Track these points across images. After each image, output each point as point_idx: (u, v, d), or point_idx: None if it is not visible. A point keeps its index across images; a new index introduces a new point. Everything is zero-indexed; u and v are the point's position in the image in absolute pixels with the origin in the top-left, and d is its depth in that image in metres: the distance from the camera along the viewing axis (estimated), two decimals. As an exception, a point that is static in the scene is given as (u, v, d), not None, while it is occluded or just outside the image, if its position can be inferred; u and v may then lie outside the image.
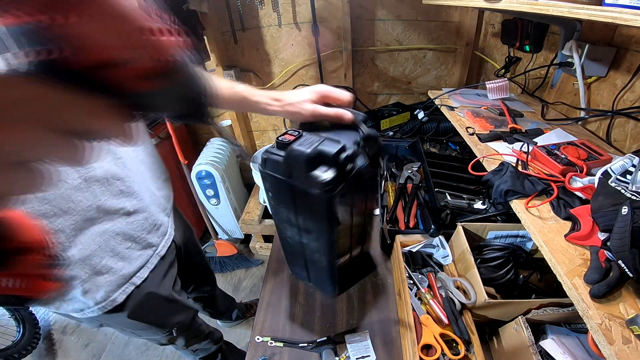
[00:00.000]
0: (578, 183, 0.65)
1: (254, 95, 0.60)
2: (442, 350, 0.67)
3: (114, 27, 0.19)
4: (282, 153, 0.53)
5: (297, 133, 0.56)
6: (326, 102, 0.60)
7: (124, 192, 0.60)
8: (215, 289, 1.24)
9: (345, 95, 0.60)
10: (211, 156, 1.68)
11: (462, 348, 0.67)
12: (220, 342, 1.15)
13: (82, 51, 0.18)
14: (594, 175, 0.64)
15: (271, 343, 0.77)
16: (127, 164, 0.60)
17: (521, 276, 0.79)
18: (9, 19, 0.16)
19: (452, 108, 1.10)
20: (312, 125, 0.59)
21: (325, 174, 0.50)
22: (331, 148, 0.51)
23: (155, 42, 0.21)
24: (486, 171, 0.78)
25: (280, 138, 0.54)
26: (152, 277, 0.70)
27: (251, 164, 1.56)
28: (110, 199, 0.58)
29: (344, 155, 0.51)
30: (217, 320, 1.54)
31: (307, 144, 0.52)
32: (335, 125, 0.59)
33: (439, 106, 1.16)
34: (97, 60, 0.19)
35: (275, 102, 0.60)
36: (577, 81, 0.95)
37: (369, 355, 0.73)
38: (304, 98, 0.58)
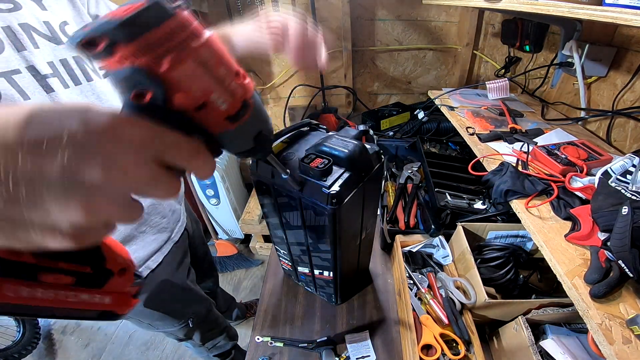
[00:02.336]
0: (578, 183, 0.65)
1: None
2: (442, 350, 0.67)
3: (213, 71, 0.20)
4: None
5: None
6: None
7: None
8: (217, 286, 1.24)
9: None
10: (211, 156, 1.68)
11: (462, 348, 0.67)
12: (236, 340, 1.15)
13: (184, 93, 0.20)
14: (594, 175, 0.64)
15: (271, 343, 0.77)
16: None
17: (521, 276, 0.79)
18: (117, 63, 0.18)
19: (452, 108, 1.10)
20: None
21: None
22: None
23: (241, 85, 0.23)
24: (486, 171, 0.78)
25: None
26: (166, 264, 0.70)
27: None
28: None
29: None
30: None
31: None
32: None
33: (439, 106, 1.16)
34: (196, 102, 0.20)
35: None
36: (577, 81, 0.95)
37: (369, 355, 0.73)
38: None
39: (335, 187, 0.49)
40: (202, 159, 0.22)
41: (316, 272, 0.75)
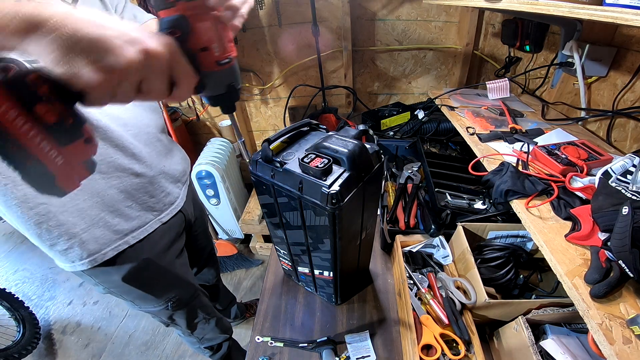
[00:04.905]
0: (578, 183, 0.65)
1: None
2: (442, 350, 0.67)
3: (219, 31, 0.35)
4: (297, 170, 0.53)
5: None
6: None
7: (135, 155, 0.65)
8: (219, 280, 1.23)
9: None
10: (211, 156, 1.68)
11: (462, 348, 0.67)
12: (229, 333, 1.14)
13: (198, 37, 0.34)
14: (595, 175, 0.64)
15: (271, 343, 0.77)
16: (139, 135, 0.66)
17: (521, 276, 0.79)
18: (174, 11, 0.33)
19: (452, 108, 1.10)
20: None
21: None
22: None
23: (231, 46, 0.38)
24: (486, 171, 0.78)
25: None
26: (152, 243, 0.72)
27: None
28: (122, 157, 0.62)
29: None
30: None
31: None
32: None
33: (439, 106, 1.16)
34: (203, 44, 0.35)
35: None
36: (577, 81, 0.95)
37: (369, 355, 0.73)
38: None
39: (336, 187, 0.49)
40: (189, 83, 0.34)
41: (316, 272, 0.75)
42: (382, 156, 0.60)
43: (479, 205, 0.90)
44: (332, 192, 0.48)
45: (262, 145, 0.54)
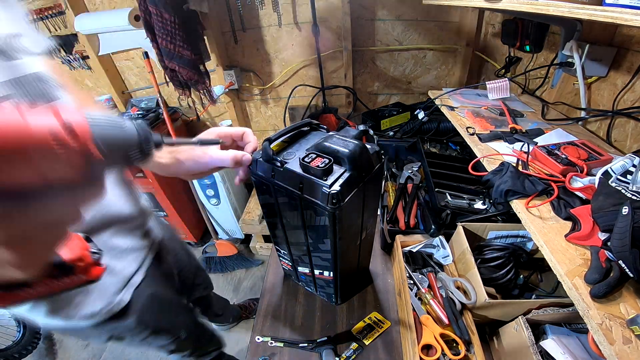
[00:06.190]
0: (578, 183, 0.65)
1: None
2: (443, 350, 0.67)
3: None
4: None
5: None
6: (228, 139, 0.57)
7: (124, 198, 0.64)
8: (210, 288, 1.23)
9: (240, 131, 0.57)
10: (211, 156, 1.68)
11: (462, 348, 0.67)
12: (222, 345, 1.14)
13: None
14: (595, 176, 0.64)
15: (271, 343, 0.77)
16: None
17: (521, 276, 0.79)
18: None
19: (452, 108, 1.10)
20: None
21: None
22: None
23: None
24: (486, 171, 0.78)
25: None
26: (149, 278, 0.71)
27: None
28: (114, 206, 0.62)
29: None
30: (213, 324, 1.53)
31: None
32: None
33: (439, 106, 1.16)
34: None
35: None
36: (577, 81, 0.95)
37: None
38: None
39: (336, 187, 0.49)
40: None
41: (316, 272, 0.75)
42: (383, 156, 0.60)
43: (479, 205, 0.90)
44: (332, 192, 0.48)
45: (263, 144, 0.54)
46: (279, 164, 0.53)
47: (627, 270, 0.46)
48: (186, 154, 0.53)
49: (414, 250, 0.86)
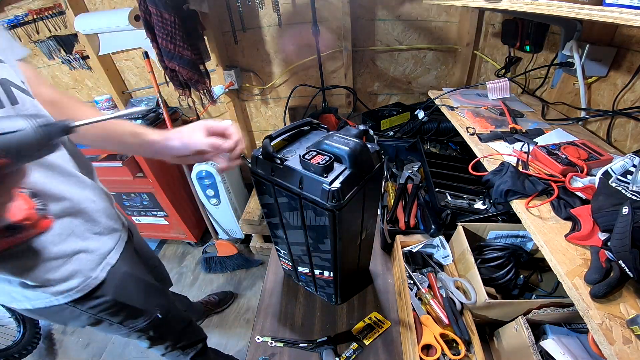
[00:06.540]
0: (578, 183, 0.65)
1: (147, 132, 0.63)
2: (443, 350, 0.67)
3: None
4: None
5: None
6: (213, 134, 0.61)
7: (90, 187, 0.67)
8: (170, 285, 1.21)
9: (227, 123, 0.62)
10: (211, 156, 1.68)
11: (462, 348, 0.67)
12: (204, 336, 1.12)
13: None
14: (595, 176, 0.64)
15: (271, 343, 0.77)
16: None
17: (521, 276, 0.79)
18: None
19: (452, 108, 1.09)
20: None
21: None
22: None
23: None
24: (486, 171, 0.78)
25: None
26: (124, 259, 0.74)
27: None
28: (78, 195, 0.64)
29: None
30: None
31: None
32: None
33: (439, 106, 1.16)
34: None
35: (167, 134, 0.62)
36: (577, 81, 0.95)
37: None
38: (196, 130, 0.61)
39: (337, 184, 0.49)
40: None
41: (316, 272, 0.75)
42: (383, 156, 0.60)
43: (479, 205, 0.90)
44: (332, 189, 0.48)
45: (264, 142, 0.54)
46: (279, 161, 0.53)
47: (627, 270, 0.46)
48: (171, 134, 0.61)
49: (414, 250, 0.86)
